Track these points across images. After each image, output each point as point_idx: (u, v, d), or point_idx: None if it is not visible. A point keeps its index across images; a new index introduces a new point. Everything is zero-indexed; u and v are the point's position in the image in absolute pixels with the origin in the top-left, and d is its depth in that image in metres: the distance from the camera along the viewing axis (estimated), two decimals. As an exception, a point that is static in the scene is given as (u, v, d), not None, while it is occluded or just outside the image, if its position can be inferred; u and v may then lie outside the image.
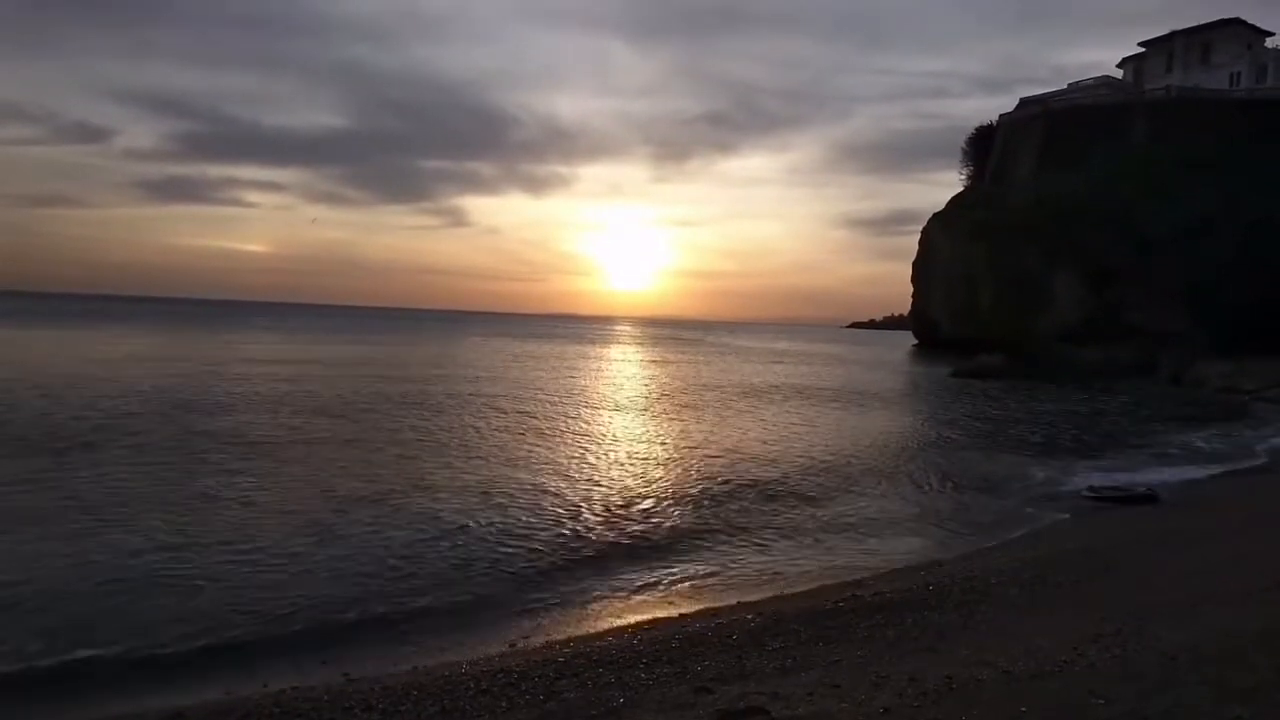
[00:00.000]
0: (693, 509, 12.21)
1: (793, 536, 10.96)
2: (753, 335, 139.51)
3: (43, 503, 11.01)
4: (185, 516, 10.62)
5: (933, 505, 13.37)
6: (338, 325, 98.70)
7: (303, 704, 5.51)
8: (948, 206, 78.82)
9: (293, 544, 9.67)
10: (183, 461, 14.10)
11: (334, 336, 70.08)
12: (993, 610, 7.39)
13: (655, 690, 5.61)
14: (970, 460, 17.72)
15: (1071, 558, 9.63)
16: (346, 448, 16.19)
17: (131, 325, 72.10)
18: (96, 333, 57.01)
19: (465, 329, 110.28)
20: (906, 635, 6.64)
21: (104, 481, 12.32)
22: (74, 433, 16.16)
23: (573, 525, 11.04)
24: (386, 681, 5.99)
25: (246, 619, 7.33)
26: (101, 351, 39.28)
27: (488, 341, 74.00)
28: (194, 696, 5.76)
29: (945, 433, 21.98)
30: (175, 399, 22.23)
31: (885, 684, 5.20)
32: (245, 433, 17.31)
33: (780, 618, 7.31)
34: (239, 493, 12.03)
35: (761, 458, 16.74)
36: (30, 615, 7.23)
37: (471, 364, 43.11)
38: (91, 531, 9.76)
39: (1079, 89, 69.02)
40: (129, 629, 6.98)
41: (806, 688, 5.30)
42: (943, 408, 28.73)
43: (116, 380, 25.81)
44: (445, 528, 10.69)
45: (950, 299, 69.01)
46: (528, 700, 5.57)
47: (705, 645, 6.63)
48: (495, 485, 13.26)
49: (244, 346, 50.54)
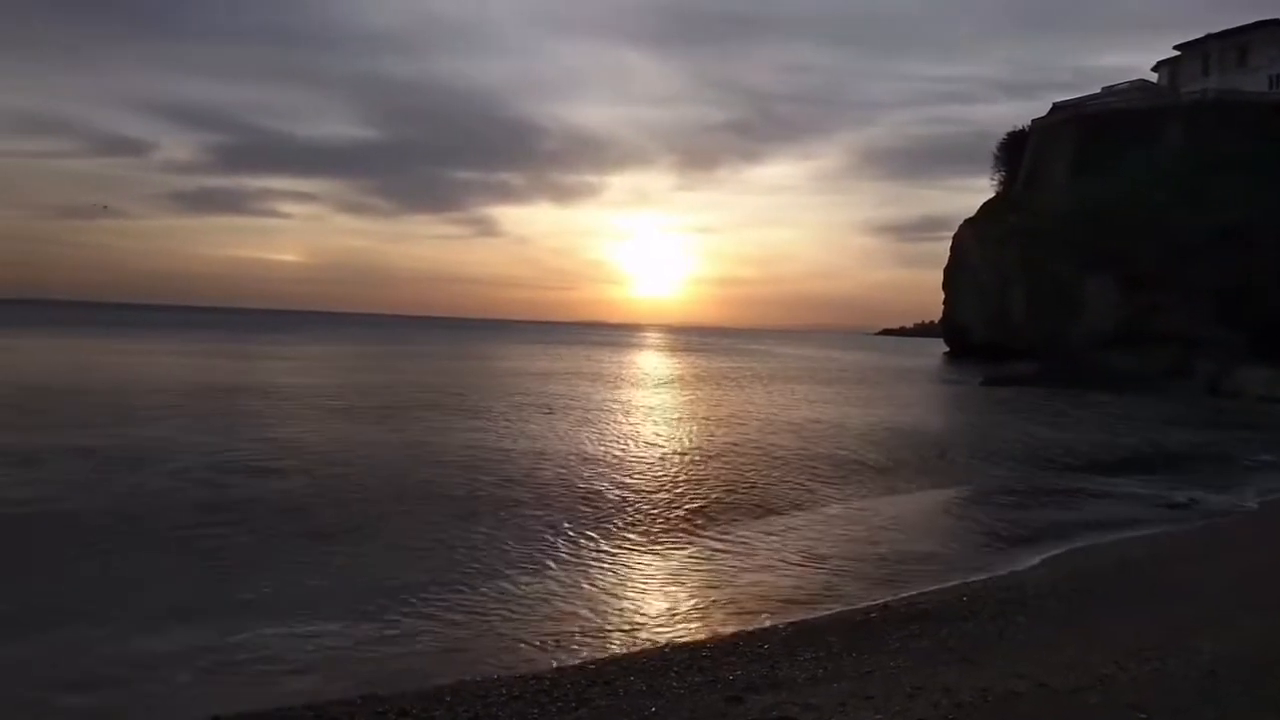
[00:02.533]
0: (727, 515, 12.15)
1: (822, 544, 10.86)
2: (784, 343, 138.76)
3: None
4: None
5: (966, 514, 13.21)
6: (390, 334, 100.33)
7: (338, 708, 5.56)
8: (979, 213, 78.08)
9: (317, 544, 9.82)
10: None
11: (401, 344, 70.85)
12: (1029, 622, 7.29)
13: (687, 699, 5.59)
14: (1003, 469, 17.50)
15: (1109, 569, 9.47)
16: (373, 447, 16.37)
17: (207, 334, 73.64)
18: (167, 342, 58.15)
19: (507, 337, 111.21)
20: (941, 646, 6.56)
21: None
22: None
23: (604, 531, 11.04)
24: (420, 687, 6.04)
25: (275, 619, 7.43)
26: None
27: (546, 351, 74.33)
28: (230, 703, 5.84)
29: (976, 441, 21.70)
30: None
31: (919, 695, 5.15)
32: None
33: (812, 627, 7.27)
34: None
35: (795, 463, 16.66)
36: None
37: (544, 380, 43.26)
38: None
39: (1113, 93, 68.09)
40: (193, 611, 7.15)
41: (839, 698, 5.26)
42: (975, 415, 28.40)
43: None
44: (478, 529, 10.78)
45: (982, 305, 68.24)
46: (559, 707, 5.58)
47: (737, 654, 6.60)
48: (533, 489, 13.35)
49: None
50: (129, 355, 44.08)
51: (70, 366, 35.11)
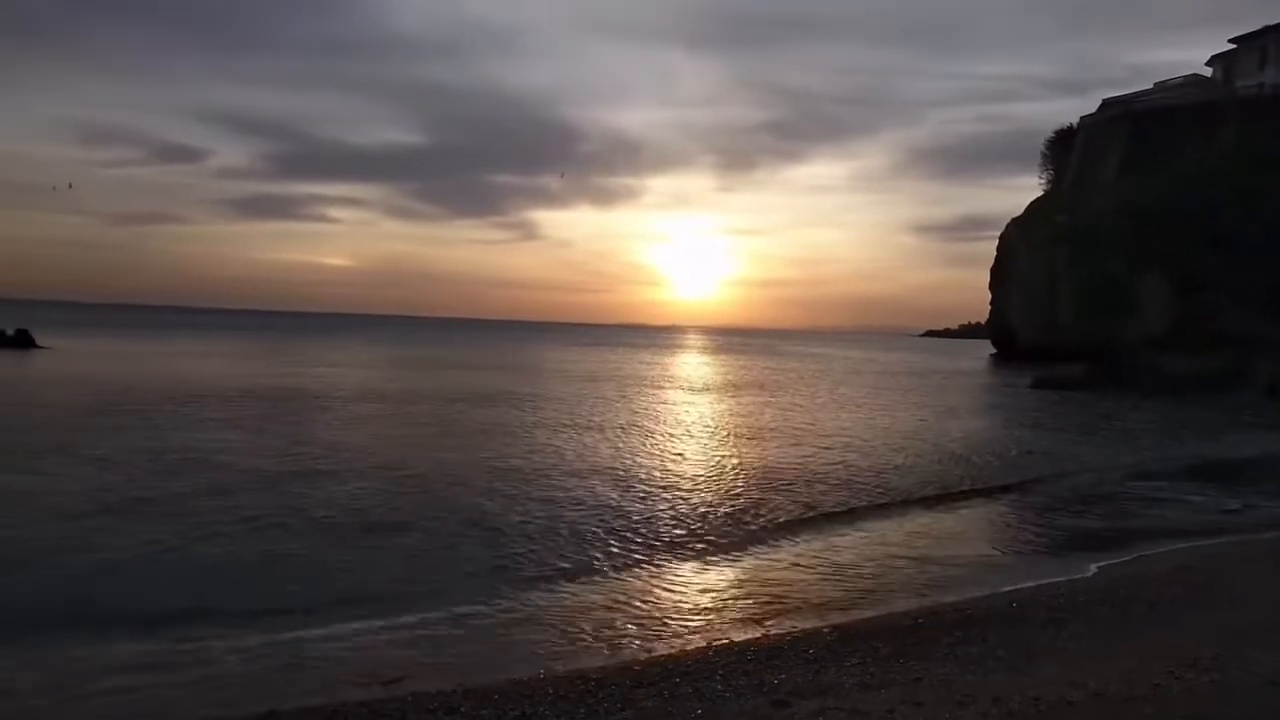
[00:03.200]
0: (770, 520, 12.11)
1: (871, 547, 10.77)
2: (827, 344, 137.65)
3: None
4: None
5: (1016, 519, 12.98)
6: (437, 337, 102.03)
7: (390, 705, 5.68)
8: (1027, 211, 76.70)
9: (364, 539, 10.02)
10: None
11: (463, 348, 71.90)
12: (1081, 630, 7.15)
13: (733, 702, 5.60)
14: (1054, 474, 17.16)
15: (1164, 577, 9.25)
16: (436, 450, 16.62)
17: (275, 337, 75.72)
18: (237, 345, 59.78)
19: (551, 340, 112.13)
20: (990, 653, 6.47)
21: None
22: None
23: (650, 536, 11.08)
24: (468, 685, 6.13)
25: (326, 617, 7.60)
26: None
27: (590, 353, 74.79)
28: (290, 699, 5.99)
29: (1026, 445, 21.30)
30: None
31: (969, 703, 5.10)
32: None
33: (858, 632, 7.21)
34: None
35: (839, 466, 16.54)
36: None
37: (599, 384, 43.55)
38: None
39: (1165, 88, 66.40)
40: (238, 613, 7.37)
41: (887, 704, 5.23)
42: (1025, 419, 27.86)
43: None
44: (522, 531, 10.92)
45: (1030, 307, 67.00)
46: (605, 708, 5.62)
47: (781, 658, 6.58)
48: (581, 491, 13.47)
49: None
50: (207, 359, 45.36)
51: (157, 370, 36.25)
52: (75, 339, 55.13)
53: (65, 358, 40.92)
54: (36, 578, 8.59)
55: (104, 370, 34.80)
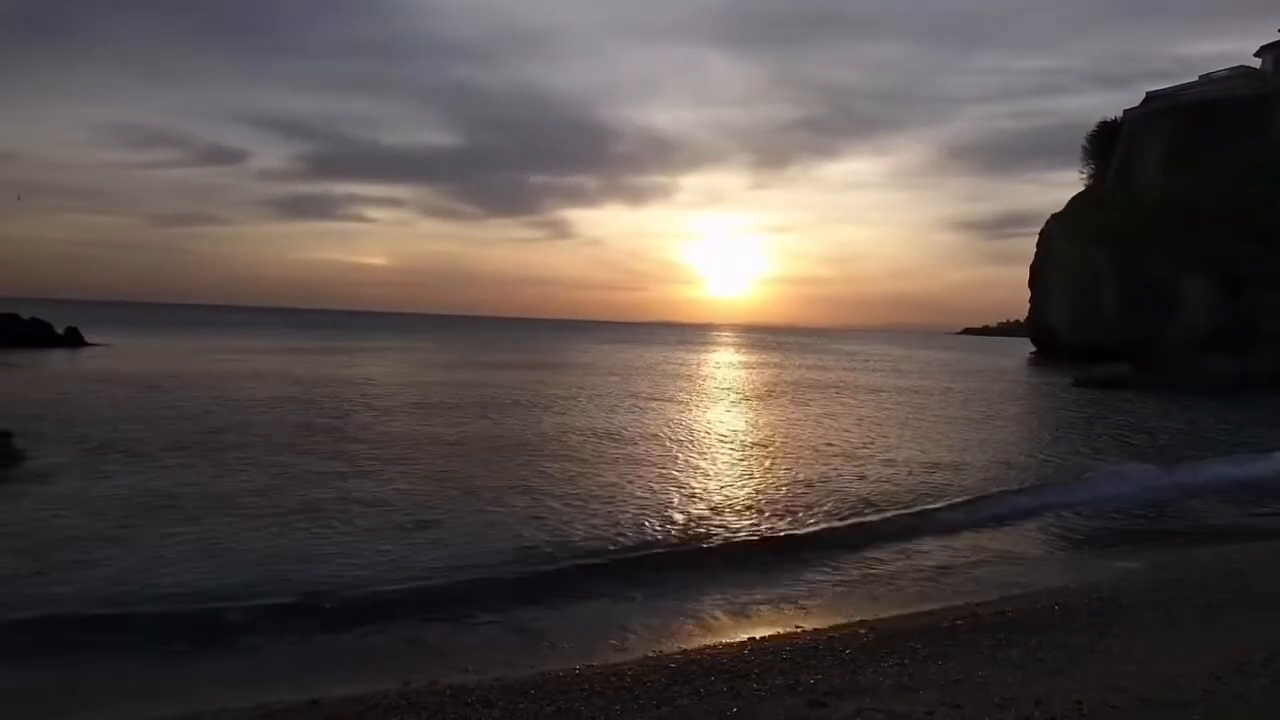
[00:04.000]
0: (809, 518, 12.03)
1: (908, 550, 10.66)
2: (862, 342, 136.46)
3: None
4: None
5: (1059, 520, 12.75)
6: (474, 334, 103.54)
7: (428, 698, 5.75)
8: (1068, 207, 75.37)
9: (406, 536, 10.16)
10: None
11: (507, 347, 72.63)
12: (1125, 633, 7.02)
13: (768, 701, 5.58)
14: (1096, 472, 16.85)
15: (1211, 579, 9.04)
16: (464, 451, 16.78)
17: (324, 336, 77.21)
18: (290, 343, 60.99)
19: (584, 337, 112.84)
20: (1031, 657, 6.37)
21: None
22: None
23: (687, 530, 11.08)
24: (505, 679, 6.19)
25: (365, 606, 7.71)
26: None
27: (625, 350, 75.06)
28: (330, 688, 6.09)
29: (1068, 444, 20.95)
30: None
31: (1010, 706, 5.02)
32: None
33: (895, 633, 7.15)
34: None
35: (884, 466, 16.40)
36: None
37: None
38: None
39: (1212, 81, 64.74)
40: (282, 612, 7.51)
41: (925, 706, 5.18)
42: (1067, 418, 27.38)
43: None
44: (559, 525, 11.03)
45: (1071, 305, 65.81)
46: (641, 705, 5.63)
47: (817, 658, 6.54)
48: (619, 485, 13.56)
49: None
50: (252, 356, 46.30)
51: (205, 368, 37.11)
52: (122, 337, 56.71)
53: (113, 355, 42.23)
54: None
55: (150, 366, 35.80)
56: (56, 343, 46.47)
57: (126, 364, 36.69)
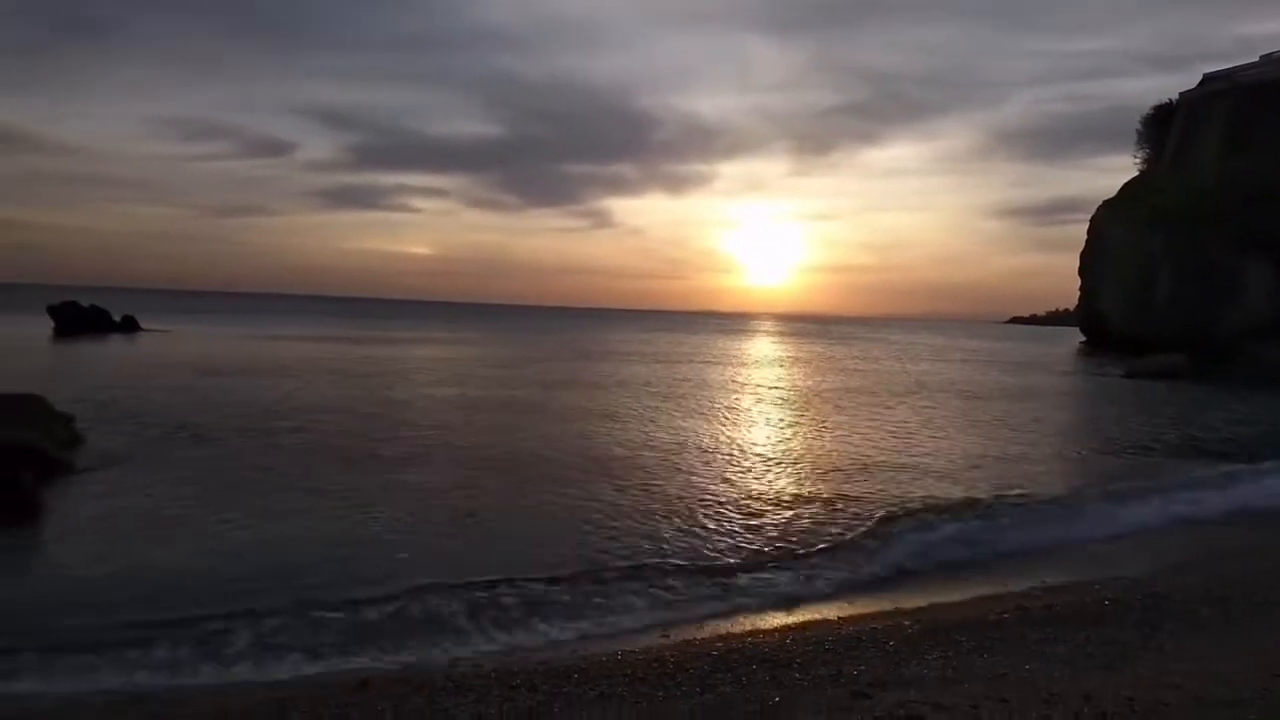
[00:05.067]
0: (853, 510, 11.92)
1: (955, 541, 10.51)
2: (905, 332, 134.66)
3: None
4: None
5: (1107, 516, 12.47)
6: (517, 323, 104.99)
7: (474, 679, 5.85)
8: (1120, 193, 73.45)
9: (455, 524, 10.31)
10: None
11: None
12: (1179, 629, 6.86)
13: (811, 691, 5.56)
14: (1152, 467, 16.45)
15: (1269, 575, 8.79)
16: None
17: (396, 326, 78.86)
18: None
19: (626, 325, 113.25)
20: (1080, 652, 6.27)
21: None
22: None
23: (730, 523, 11.08)
24: (549, 663, 6.27)
25: (415, 590, 7.86)
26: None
27: (667, 339, 75.18)
28: (380, 669, 6.24)
29: (1120, 437, 20.47)
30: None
31: (1058, 701, 4.94)
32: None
33: (940, 626, 7.07)
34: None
35: (929, 454, 16.22)
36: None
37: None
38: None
39: (1272, 61, 62.39)
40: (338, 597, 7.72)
41: (971, 700, 5.12)
42: (1120, 410, 26.72)
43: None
44: (611, 511, 11.16)
45: (1123, 292, 64.21)
46: (684, 691, 5.67)
47: (861, 649, 6.50)
48: (670, 474, 13.61)
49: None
50: (300, 343, 47.36)
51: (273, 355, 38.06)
52: (177, 324, 58.45)
53: (169, 341, 43.56)
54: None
55: (204, 352, 36.94)
56: (114, 329, 48.08)
57: (181, 350, 37.80)
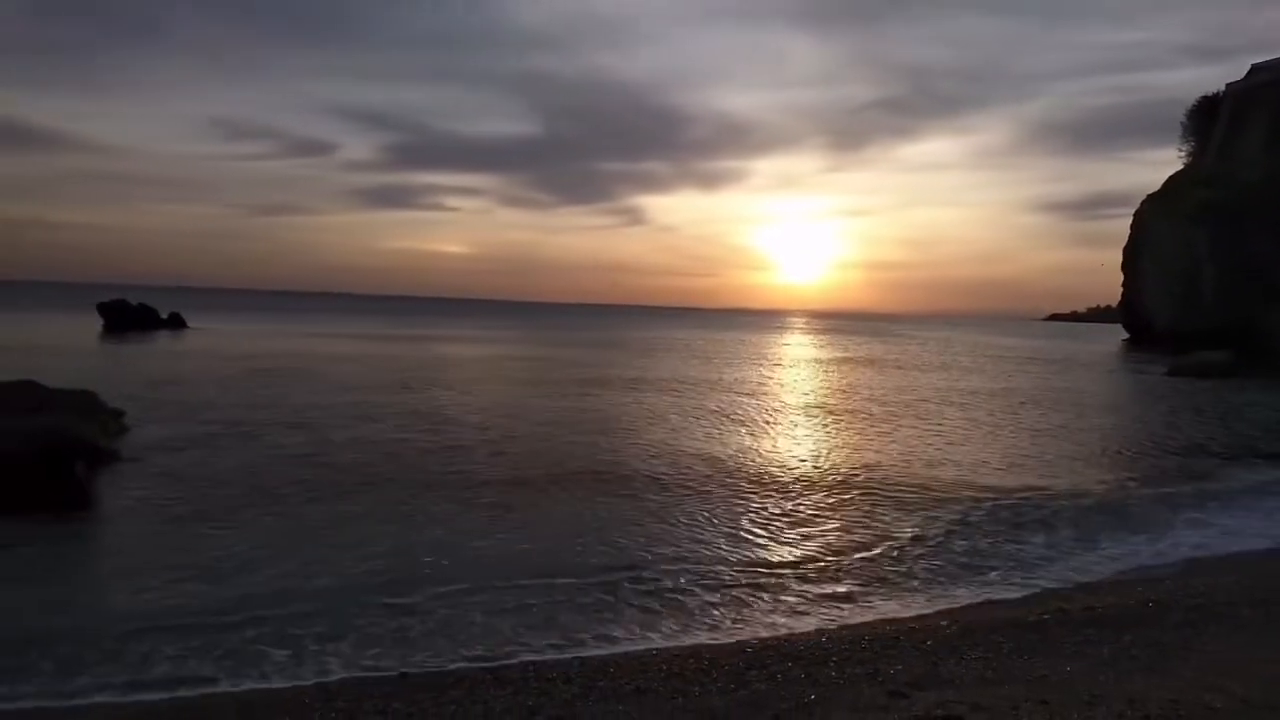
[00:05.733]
0: (889, 507, 11.85)
1: (988, 543, 10.39)
2: (941, 329, 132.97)
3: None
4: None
5: (1153, 513, 12.22)
6: (552, 321, 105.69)
7: (512, 672, 5.93)
8: (1165, 186, 71.86)
9: (492, 525, 10.43)
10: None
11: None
12: (1222, 631, 6.74)
13: (847, 690, 5.56)
14: (1194, 467, 16.11)
15: (1319, 580, 8.58)
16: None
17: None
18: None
19: (658, 323, 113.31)
20: (1123, 653, 6.18)
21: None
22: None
23: (767, 520, 11.07)
24: (584, 657, 6.33)
25: (451, 585, 7.97)
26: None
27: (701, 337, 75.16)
28: (421, 663, 6.34)
29: (1164, 435, 20.06)
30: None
31: (1100, 703, 4.89)
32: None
33: (978, 626, 7.01)
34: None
35: (968, 453, 16.05)
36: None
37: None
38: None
39: (1325, 50, 60.55)
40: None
41: (1010, 701, 5.08)
42: (1164, 408, 26.18)
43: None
44: (646, 511, 11.22)
45: (1167, 289, 62.84)
46: (719, 687, 5.69)
47: (897, 649, 6.47)
48: (711, 477, 13.63)
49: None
50: (341, 340, 48.11)
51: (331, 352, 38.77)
52: (221, 321, 59.85)
53: (214, 338, 44.66)
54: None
55: (249, 349, 37.86)
56: (161, 326, 49.28)
57: (227, 347, 38.63)
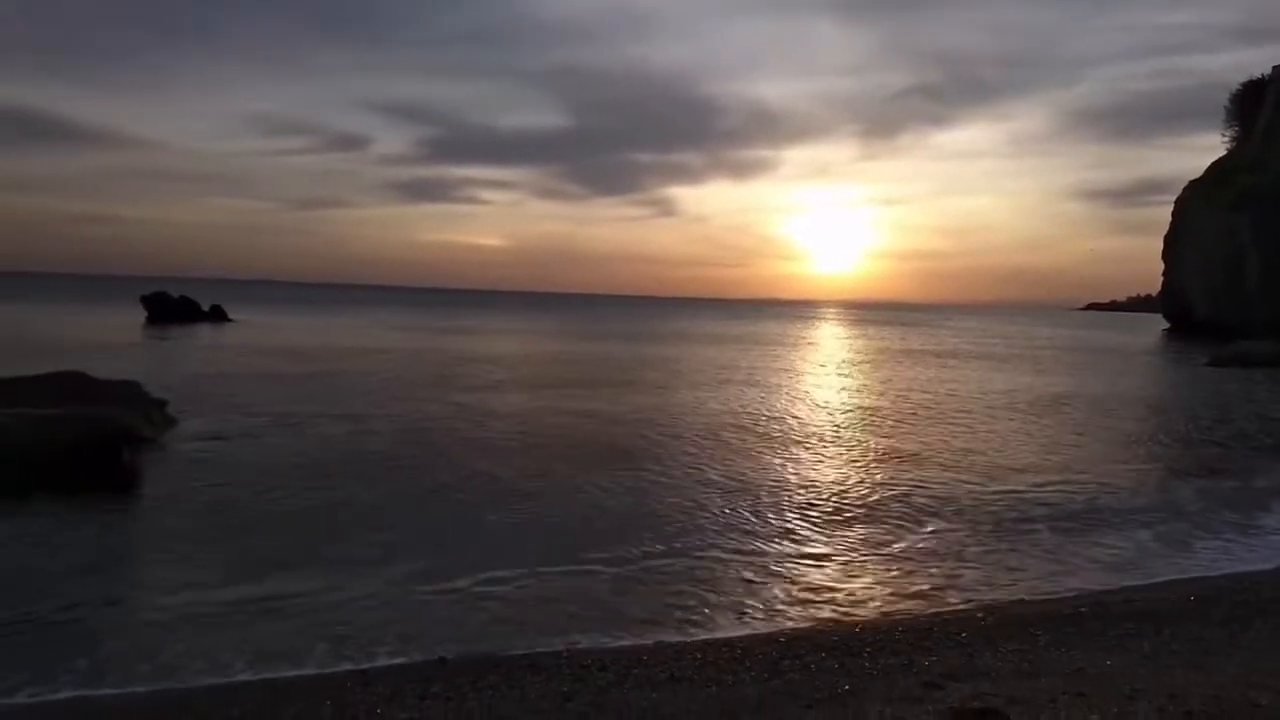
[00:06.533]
0: (924, 500, 11.75)
1: (1030, 535, 10.26)
2: (974, 318, 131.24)
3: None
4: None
5: (1195, 508, 11.96)
6: (589, 313, 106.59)
7: (547, 659, 6.00)
8: (1207, 173, 70.24)
9: (528, 503, 10.57)
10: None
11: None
12: (1268, 628, 6.61)
13: (881, 680, 5.54)
14: (1239, 460, 15.77)
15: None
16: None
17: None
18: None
19: (691, 315, 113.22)
20: (1164, 648, 6.09)
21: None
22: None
23: (805, 512, 11.05)
24: (620, 644, 6.38)
25: (490, 571, 8.06)
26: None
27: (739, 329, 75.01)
28: (459, 647, 6.44)
29: (1205, 427, 19.65)
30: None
31: (1141, 697, 4.82)
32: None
33: (1014, 619, 6.95)
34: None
35: (1003, 444, 15.89)
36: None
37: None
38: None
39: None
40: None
41: (1048, 694, 5.03)
42: (1206, 399, 25.63)
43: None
44: (676, 496, 11.35)
45: (1209, 277, 61.51)
46: (752, 676, 5.71)
47: (932, 640, 6.44)
48: (748, 462, 13.66)
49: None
50: (381, 332, 48.76)
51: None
52: (261, 313, 61.04)
53: (254, 330, 45.72)
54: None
55: (288, 341, 38.80)
56: (203, 318, 50.22)
57: (267, 339, 39.37)
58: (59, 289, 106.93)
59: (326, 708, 5.16)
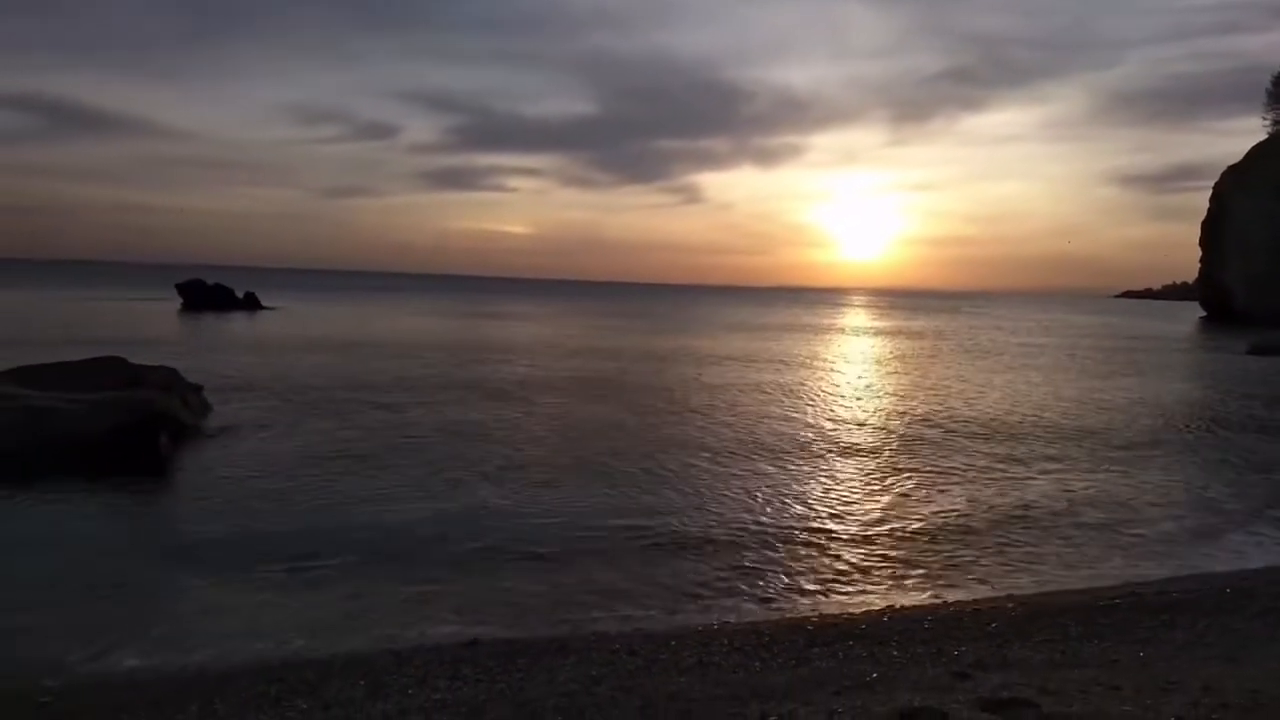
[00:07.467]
0: (959, 490, 11.67)
1: (1062, 525, 10.15)
2: (1005, 306, 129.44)
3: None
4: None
5: (1232, 499, 11.75)
6: (615, 301, 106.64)
7: (575, 642, 6.06)
8: (1246, 159, 68.48)
9: (560, 490, 10.67)
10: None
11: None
12: (1307, 622, 6.50)
13: (910, 669, 5.53)
14: (1276, 452, 15.46)
15: None
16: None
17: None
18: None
19: (718, 303, 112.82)
20: (1199, 640, 6.01)
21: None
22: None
23: (833, 497, 11.04)
24: (647, 629, 6.42)
25: (523, 558, 8.15)
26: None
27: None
28: (489, 631, 6.51)
29: (1243, 417, 19.24)
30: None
31: (1175, 690, 4.77)
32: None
33: (1045, 610, 6.89)
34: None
35: (1035, 434, 15.72)
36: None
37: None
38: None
39: None
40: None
41: (1080, 685, 4.99)
42: (1244, 389, 25.07)
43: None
44: (714, 486, 11.38)
45: (1248, 265, 60.18)
46: (780, 663, 5.72)
47: (961, 630, 6.41)
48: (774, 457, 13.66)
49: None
50: (413, 319, 49.27)
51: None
52: (294, 301, 61.84)
53: (288, 317, 46.46)
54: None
55: (321, 327, 39.48)
56: (237, 306, 51.02)
57: (300, 325, 39.98)
58: (94, 275, 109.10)
59: (360, 687, 5.26)
